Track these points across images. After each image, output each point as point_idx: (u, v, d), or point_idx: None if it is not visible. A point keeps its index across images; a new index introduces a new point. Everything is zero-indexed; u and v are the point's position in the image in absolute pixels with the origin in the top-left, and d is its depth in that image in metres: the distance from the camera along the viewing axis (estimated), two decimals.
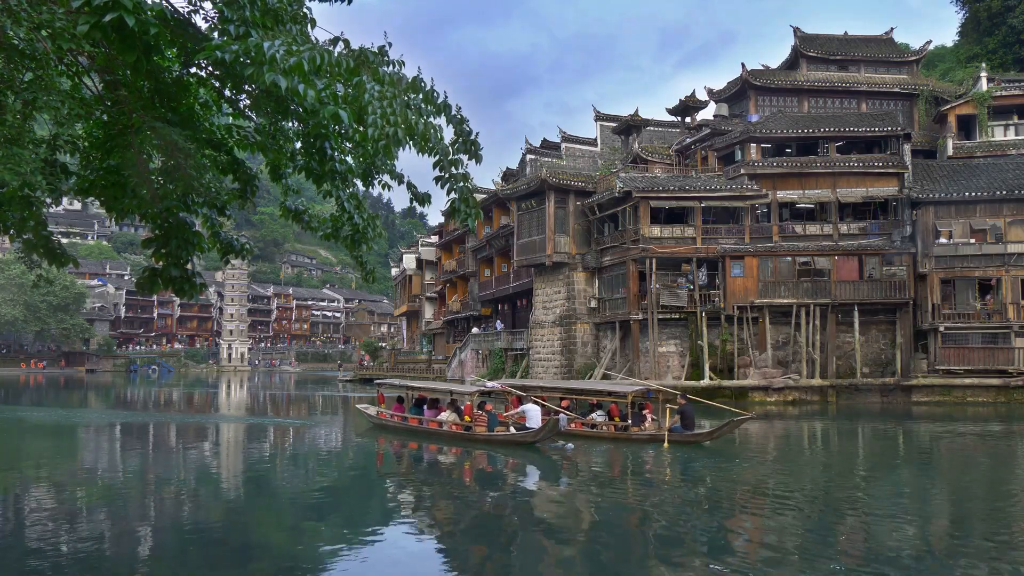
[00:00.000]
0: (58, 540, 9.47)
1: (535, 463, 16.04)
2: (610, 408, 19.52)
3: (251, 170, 6.67)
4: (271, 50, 4.28)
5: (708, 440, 17.83)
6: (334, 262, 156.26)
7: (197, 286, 6.12)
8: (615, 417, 19.20)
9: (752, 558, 8.68)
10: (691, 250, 32.89)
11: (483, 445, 17.86)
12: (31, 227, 6.29)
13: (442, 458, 17.46)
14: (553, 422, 17.60)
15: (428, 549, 9.51)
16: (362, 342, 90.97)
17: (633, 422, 18.53)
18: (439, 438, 19.21)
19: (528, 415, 18.13)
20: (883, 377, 31.23)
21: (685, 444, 17.45)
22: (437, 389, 22.15)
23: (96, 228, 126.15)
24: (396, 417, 21.18)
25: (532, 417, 17.99)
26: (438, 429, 19.38)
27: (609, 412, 19.45)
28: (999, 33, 45.43)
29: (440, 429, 19.31)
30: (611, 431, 18.75)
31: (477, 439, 18.17)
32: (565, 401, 20.57)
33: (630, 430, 18.35)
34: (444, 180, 5.49)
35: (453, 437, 18.86)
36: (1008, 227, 30.69)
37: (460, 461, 16.95)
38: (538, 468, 15.71)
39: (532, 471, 15.54)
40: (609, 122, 43.06)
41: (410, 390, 22.38)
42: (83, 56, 5.53)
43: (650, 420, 18.74)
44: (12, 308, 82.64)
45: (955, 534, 10.13)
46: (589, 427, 19.19)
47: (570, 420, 19.44)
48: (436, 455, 17.76)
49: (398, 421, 20.98)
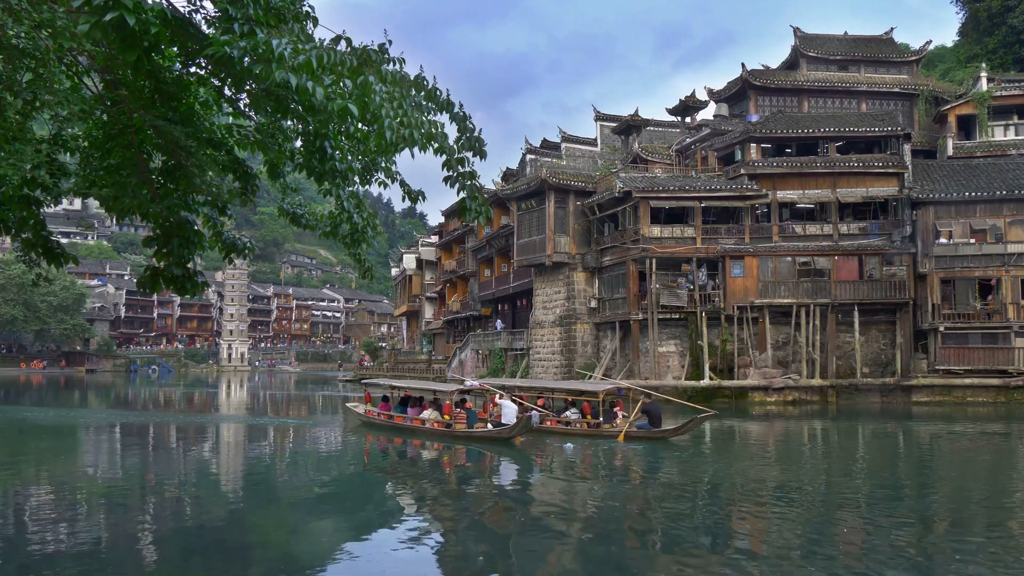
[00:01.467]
0: (58, 540, 9.46)
1: (511, 457, 17.01)
2: (583, 406, 20.56)
3: (251, 169, 6.67)
4: (280, 48, 4.28)
5: (673, 436, 18.64)
6: (334, 262, 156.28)
7: (199, 285, 6.12)
8: (587, 415, 20.23)
9: (752, 557, 8.67)
10: (691, 250, 32.89)
11: (463, 440, 18.88)
12: (30, 226, 6.28)
13: (425, 453, 18.38)
14: (526, 419, 18.61)
15: (418, 542, 9.51)
16: (362, 342, 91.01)
17: (604, 419, 19.62)
18: (422, 434, 20.21)
19: (504, 412, 19.07)
20: (883, 377, 31.23)
21: (652, 440, 18.39)
22: (419, 388, 23.34)
23: (96, 228, 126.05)
24: (383, 415, 22.17)
25: (507, 414, 18.91)
26: (421, 426, 20.41)
27: (582, 410, 20.49)
28: (999, 33, 45.43)
29: (423, 426, 20.35)
30: (584, 428, 19.81)
31: (457, 435, 19.22)
32: (541, 399, 21.89)
33: (602, 427, 19.38)
34: (452, 179, 5.49)
35: (435, 433, 19.91)
36: (1008, 227, 30.69)
37: (441, 456, 17.76)
38: (515, 462, 16.62)
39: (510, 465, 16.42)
40: (609, 122, 43.06)
41: (395, 389, 23.72)
42: (83, 56, 5.52)
43: (620, 417, 19.71)
44: (12, 308, 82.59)
45: (955, 534, 10.12)
46: (563, 424, 20.23)
47: (545, 417, 20.59)
48: (419, 450, 18.74)
49: (384, 419, 21.96)
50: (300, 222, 7.01)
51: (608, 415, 19.78)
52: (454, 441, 19.06)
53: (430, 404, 21.16)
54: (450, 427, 19.58)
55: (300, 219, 7.01)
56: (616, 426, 19.21)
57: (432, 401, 21.35)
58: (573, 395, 21.35)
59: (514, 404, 19.72)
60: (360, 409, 23.57)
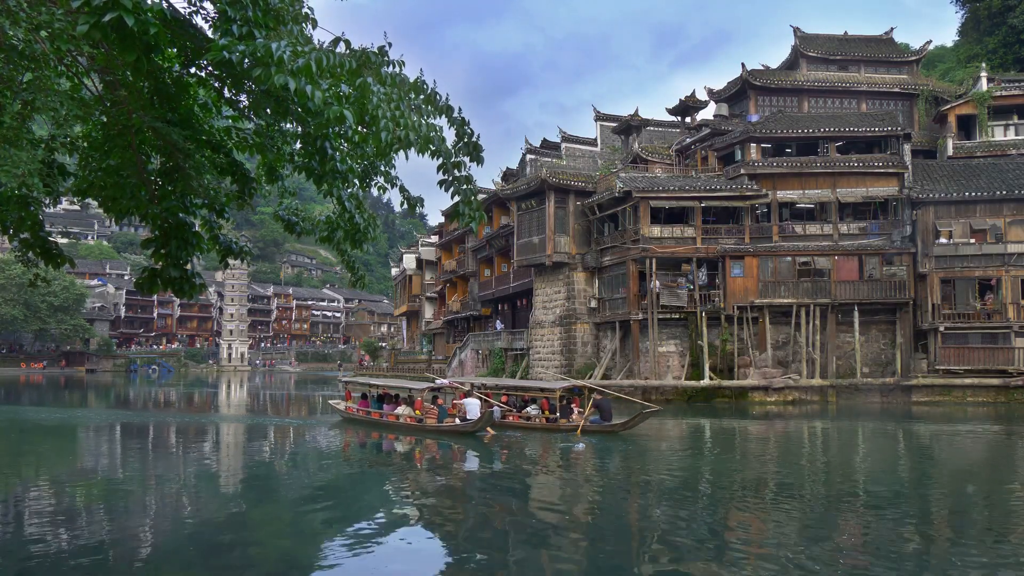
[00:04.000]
0: (58, 540, 9.46)
1: (475, 448, 18.30)
2: (542, 403, 21.98)
3: (249, 173, 6.65)
4: (279, 51, 4.28)
5: (622, 430, 20.09)
6: (334, 262, 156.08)
7: (197, 286, 6.11)
8: (546, 410, 21.64)
9: (752, 558, 8.67)
10: (691, 250, 32.88)
11: (433, 434, 20.50)
12: (28, 226, 6.28)
13: (399, 446, 19.79)
14: (488, 414, 20.43)
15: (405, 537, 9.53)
16: (362, 342, 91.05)
17: (561, 414, 21.21)
18: (397, 429, 21.73)
19: (468, 408, 20.44)
20: (883, 377, 31.22)
21: (603, 433, 19.82)
22: (395, 386, 24.79)
23: (96, 228, 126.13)
24: (361, 411, 23.74)
25: (472, 409, 20.31)
26: (396, 421, 21.91)
27: (541, 406, 21.91)
28: (999, 33, 45.41)
29: (397, 421, 21.84)
30: (542, 422, 21.32)
31: (427, 429, 20.87)
32: (504, 396, 23.55)
33: (559, 422, 20.95)
34: (448, 183, 5.48)
35: (408, 428, 21.49)
36: (1008, 227, 30.68)
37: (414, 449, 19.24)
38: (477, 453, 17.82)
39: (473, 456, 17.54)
40: (609, 122, 43.06)
41: (372, 387, 25.43)
42: (83, 56, 5.51)
43: (576, 413, 21.23)
44: (12, 308, 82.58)
45: (955, 534, 10.11)
46: (524, 419, 21.79)
47: (507, 413, 22.17)
48: (394, 443, 20.15)
49: (363, 415, 23.54)
50: (294, 229, 7.02)
51: (565, 411, 21.35)
52: (425, 435, 20.58)
53: (404, 401, 22.77)
54: (421, 422, 21.16)
55: (294, 227, 7.00)
56: (572, 421, 20.69)
57: (406, 398, 22.93)
58: (533, 393, 22.97)
59: (478, 401, 21.15)
60: (341, 406, 25.14)
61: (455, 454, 17.76)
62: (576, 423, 20.37)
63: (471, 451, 17.98)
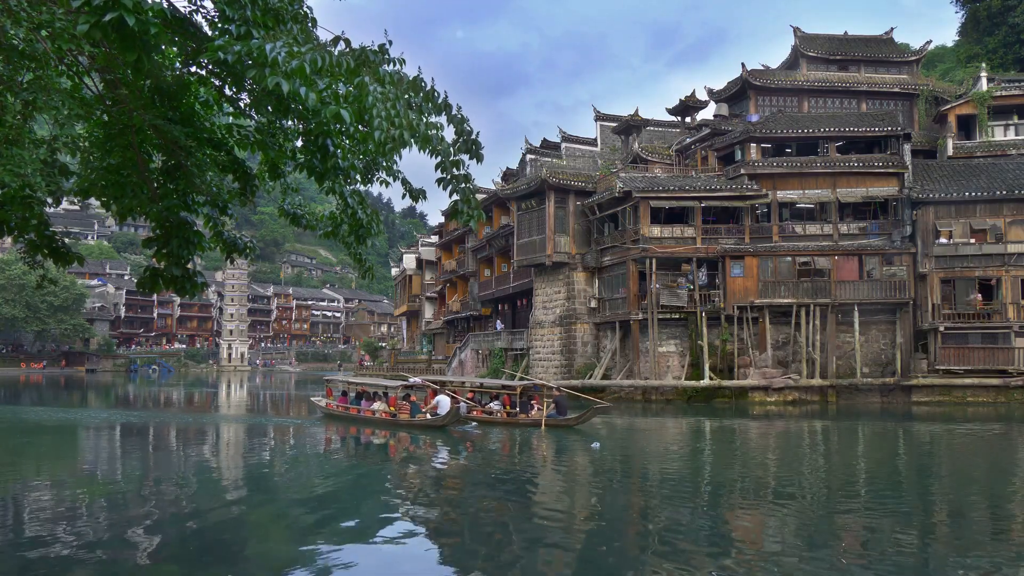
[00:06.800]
0: (58, 540, 9.47)
1: (447, 443, 19.59)
2: (504, 399, 23.46)
3: (251, 170, 6.66)
4: (273, 52, 4.27)
5: (577, 424, 21.68)
6: (334, 262, 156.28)
7: (198, 285, 6.12)
8: (507, 406, 23.11)
9: (752, 558, 8.68)
10: (691, 250, 32.89)
11: (406, 428, 21.88)
12: (33, 227, 6.28)
13: (375, 440, 20.93)
14: (455, 409, 21.71)
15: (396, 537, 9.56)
16: (362, 342, 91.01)
17: (521, 409, 22.80)
18: (372, 423, 23.21)
19: (440, 404, 21.94)
20: (883, 377, 31.22)
21: (559, 427, 21.41)
22: (372, 384, 26.36)
23: (96, 228, 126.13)
24: (340, 407, 25.35)
25: (442, 406, 21.83)
26: (372, 416, 23.46)
27: (503, 402, 23.37)
28: (999, 33, 45.42)
29: (373, 417, 23.40)
30: (504, 417, 22.80)
31: (401, 424, 22.27)
32: (470, 393, 25.00)
33: (518, 416, 22.49)
34: (447, 182, 5.49)
35: (383, 423, 22.92)
36: (1008, 227, 30.69)
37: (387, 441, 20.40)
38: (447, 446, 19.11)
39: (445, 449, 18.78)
40: (609, 122, 43.04)
41: (351, 385, 26.95)
42: (83, 56, 5.52)
43: (536, 409, 22.68)
44: (12, 308, 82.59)
45: (955, 534, 10.12)
46: (487, 414, 23.26)
47: (472, 408, 23.63)
48: (371, 438, 21.32)
49: (342, 410, 25.09)
50: (300, 222, 7.03)
51: (525, 406, 22.95)
52: (399, 429, 21.98)
53: (380, 398, 24.30)
54: (395, 417, 22.65)
55: (300, 220, 7.01)
56: (531, 416, 22.27)
57: (382, 395, 24.39)
58: (496, 390, 24.41)
59: (448, 398, 22.52)
60: (322, 403, 26.85)
61: (427, 446, 19.23)
62: (535, 418, 21.96)
63: (441, 443, 19.45)
